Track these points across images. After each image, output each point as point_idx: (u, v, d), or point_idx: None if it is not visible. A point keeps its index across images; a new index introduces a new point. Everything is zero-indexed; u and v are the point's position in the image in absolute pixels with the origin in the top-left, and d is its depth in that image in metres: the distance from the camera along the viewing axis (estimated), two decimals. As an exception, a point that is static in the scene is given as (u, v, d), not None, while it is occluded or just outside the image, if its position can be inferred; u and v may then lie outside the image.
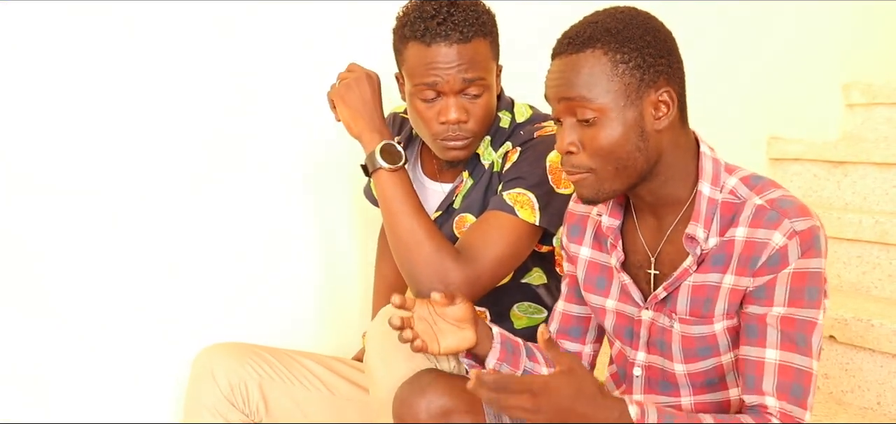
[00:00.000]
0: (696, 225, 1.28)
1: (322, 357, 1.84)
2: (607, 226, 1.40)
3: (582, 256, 1.47)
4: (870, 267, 2.39)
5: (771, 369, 1.23)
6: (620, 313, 1.41)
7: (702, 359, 1.33)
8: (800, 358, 1.22)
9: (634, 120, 1.25)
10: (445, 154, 1.62)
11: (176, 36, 1.82)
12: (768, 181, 1.29)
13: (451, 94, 1.57)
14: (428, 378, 1.40)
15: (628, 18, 1.26)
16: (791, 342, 1.22)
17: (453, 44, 1.54)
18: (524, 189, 1.58)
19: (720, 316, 1.29)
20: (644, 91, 1.25)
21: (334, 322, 2.10)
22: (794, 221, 1.22)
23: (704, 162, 1.31)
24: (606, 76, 1.24)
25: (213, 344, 1.79)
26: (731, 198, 1.29)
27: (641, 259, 1.38)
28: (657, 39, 1.26)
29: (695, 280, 1.30)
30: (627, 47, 1.24)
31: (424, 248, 1.54)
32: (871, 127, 2.93)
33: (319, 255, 2.08)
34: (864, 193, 2.63)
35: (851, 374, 2.13)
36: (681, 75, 1.29)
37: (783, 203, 1.24)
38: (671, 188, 1.32)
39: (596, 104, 1.25)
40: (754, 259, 1.24)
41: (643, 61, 1.24)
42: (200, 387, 1.73)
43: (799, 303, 1.22)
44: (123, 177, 1.80)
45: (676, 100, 1.27)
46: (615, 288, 1.42)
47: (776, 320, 1.23)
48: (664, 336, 1.35)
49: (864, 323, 2.07)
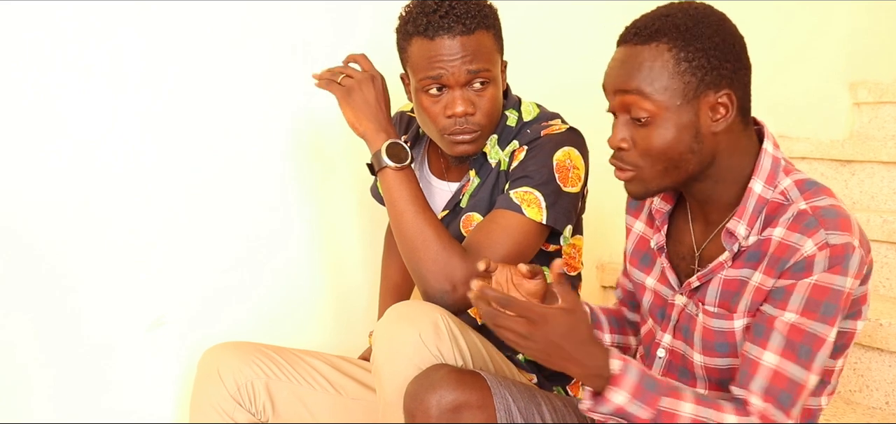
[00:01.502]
0: (738, 221, 1.27)
1: (329, 357, 1.84)
2: (656, 209, 1.41)
3: (635, 230, 1.49)
4: (878, 266, 2.38)
5: (765, 372, 1.22)
6: (657, 293, 1.42)
7: (719, 356, 1.33)
8: (797, 370, 1.21)
9: (690, 121, 1.24)
10: (453, 149, 1.62)
11: (175, 37, 1.82)
12: (823, 188, 1.27)
13: (457, 87, 1.56)
14: (438, 373, 1.40)
15: (701, 16, 1.25)
16: (793, 352, 1.21)
17: (456, 36, 1.54)
18: (531, 187, 1.57)
19: (742, 312, 1.28)
20: (703, 92, 1.23)
21: (341, 321, 2.10)
22: (830, 233, 1.20)
23: (763, 158, 1.29)
24: (668, 72, 1.23)
25: (219, 344, 1.78)
26: (780, 199, 1.27)
27: (686, 250, 1.38)
28: (726, 42, 1.24)
29: (728, 273, 1.30)
30: (694, 46, 1.22)
31: (431, 247, 1.53)
32: (878, 125, 2.92)
33: (326, 254, 2.07)
34: (871, 192, 2.62)
35: (860, 373, 2.12)
36: (746, 80, 1.27)
37: (827, 212, 1.22)
38: (722, 190, 1.31)
39: (653, 101, 1.23)
40: (783, 261, 1.22)
41: (708, 62, 1.23)
42: (207, 387, 1.72)
43: (812, 316, 1.21)
44: (129, 176, 1.80)
45: (737, 104, 1.25)
46: (657, 269, 1.42)
47: (785, 326, 1.22)
48: (690, 323, 1.36)
49: (873, 323, 2.06)
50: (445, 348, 1.45)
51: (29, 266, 1.71)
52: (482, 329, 1.74)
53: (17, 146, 1.69)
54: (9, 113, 1.67)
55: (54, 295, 1.75)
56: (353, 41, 2.00)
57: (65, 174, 1.73)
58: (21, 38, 1.67)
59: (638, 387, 1.21)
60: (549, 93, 1.80)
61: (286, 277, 2.01)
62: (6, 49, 1.66)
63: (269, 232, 1.98)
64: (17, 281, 1.71)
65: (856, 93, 2.98)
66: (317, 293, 2.07)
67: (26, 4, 1.66)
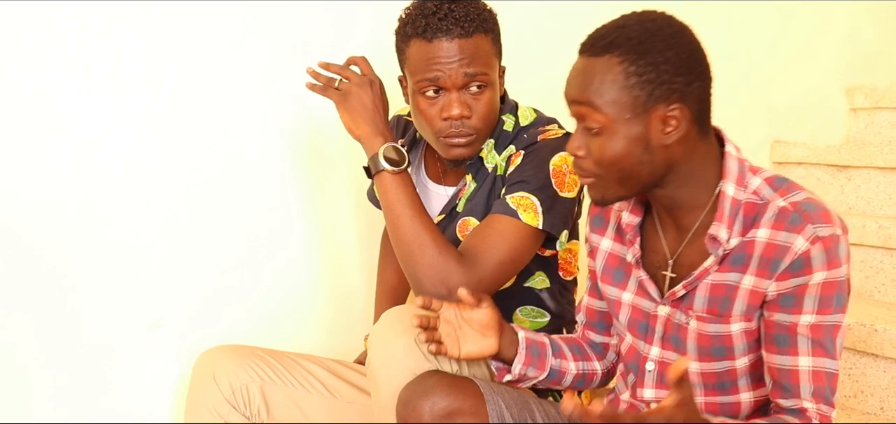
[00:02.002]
0: (719, 225, 1.28)
1: (324, 361, 1.84)
2: (626, 222, 1.41)
3: (602, 247, 1.48)
4: (873, 272, 2.38)
5: (806, 376, 1.26)
6: (636, 307, 1.42)
7: (716, 360, 1.33)
8: (829, 362, 1.27)
9: (639, 133, 1.25)
10: (449, 152, 1.62)
11: (175, 37, 1.82)
12: (793, 183, 1.29)
13: (454, 90, 1.56)
14: (431, 379, 1.40)
15: (655, 29, 1.25)
16: (821, 347, 1.26)
17: (454, 38, 1.54)
18: (527, 192, 1.57)
19: (738, 316, 1.29)
20: (653, 106, 1.24)
21: (336, 324, 2.10)
22: (818, 227, 1.22)
23: (729, 162, 1.30)
24: (618, 86, 1.24)
25: (214, 347, 1.78)
26: (754, 199, 1.29)
27: (659, 259, 1.38)
28: (679, 56, 1.24)
29: (714, 278, 1.31)
30: (644, 60, 1.23)
31: (428, 251, 1.53)
32: (874, 131, 2.92)
33: (322, 258, 2.07)
34: (867, 197, 2.62)
35: (855, 379, 2.12)
36: (701, 93, 1.27)
37: (807, 206, 1.24)
38: (687, 194, 1.32)
39: (601, 113, 1.25)
40: (776, 262, 1.24)
41: (658, 77, 1.23)
42: (202, 390, 1.72)
43: (827, 311, 1.25)
44: (129, 176, 1.79)
45: (689, 117, 1.26)
46: (632, 283, 1.42)
47: (807, 329, 1.25)
48: (680, 332, 1.35)
49: (868, 329, 2.06)
50: (441, 353, 1.45)
51: (29, 266, 1.71)
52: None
53: (17, 146, 1.69)
54: (9, 113, 1.67)
55: (54, 295, 1.74)
56: (354, 41, 2.00)
57: (65, 174, 1.73)
58: (21, 38, 1.67)
59: None
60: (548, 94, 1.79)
61: (284, 279, 2.01)
62: (6, 49, 1.65)
63: (267, 233, 1.98)
64: (17, 281, 1.71)
65: (852, 98, 2.98)
66: (314, 295, 2.07)
67: (26, 4, 1.66)
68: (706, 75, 1.28)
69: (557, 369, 1.51)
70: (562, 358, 1.52)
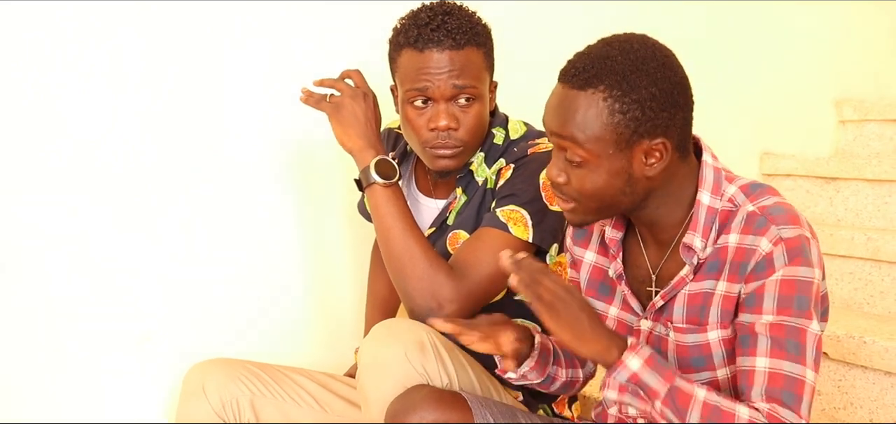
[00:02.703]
0: (693, 234, 1.28)
1: (314, 374, 1.83)
2: (610, 238, 1.41)
3: (586, 260, 1.48)
4: (862, 284, 2.39)
5: (761, 377, 1.21)
6: (621, 321, 1.42)
7: (696, 371, 1.33)
8: (790, 365, 1.20)
9: (621, 167, 1.25)
10: (435, 163, 1.62)
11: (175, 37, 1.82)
12: (767, 188, 1.29)
13: (442, 101, 1.57)
14: (419, 393, 1.40)
15: (640, 61, 1.22)
16: (781, 348, 1.21)
17: (445, 50, 1.55)
18: (517, 206, 1.57)
19: (714, 324, 1.29)
20: (637, 142, 1.23)
21: (327, 338, 2.09)
22: (782, 228, 1.22)
23: (705, 171, 1.30)
24: (601, 122, 1.22)
25: (204, 360, 1.78)
26: (728, 206, 1.28)
27: (642, 274, 1.38)
28: (663, 91, 1.23)
29: (691, 288, 1.31)
30: (629, 98, 1.21)
31: (418, 264, 1.53)
32: (863, 143, 2.94)
33: (312, 271, 2.07)
34: (856, 209, 2.63)
35: (844, 391, 2.13)
36: (684, 122, 1.27)
37: (774, 210, 1.24)
38: (667, 212, 1.32)
39: (584, 149, 1.24)
40: (743, 265, 1.24)
41: (642, 114, 1.22)
42: (191, 403, 1.72)
43: (787, 311, 1.21)
44: (118, 183, 1.79)
45: (672, 148, 1.25)
46: (618, 297, 1.42)
47: (765, 327, 1.22)
48: (661, 345, 1.35)
49: (857, 341, 2.07)
50: (431, 366, 1.45)
51: (28, 265, 1.70)
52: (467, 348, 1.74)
53: (17, 146, 1.68)
54: (9, 113, 1.67)
55: (50, 298, 1.73)
56: (354, 41, 2.00)
57: (65, 174, 1.73)
58: (21, 38, 1.66)
59: (652, 358, 1.22)
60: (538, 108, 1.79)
61: (272, 294, 2.00)
62: (6, 49, 1.65)
63: (255, 248, 1.97)
64: (17, 281, 1.70)
65: (841, 110, 3.00)
66: (305, 308, 2.06)
67: (26, 4, 1.66)
68: (689, 104, 1.28)
69: (552, 375, 1.51)
70: (557, 366, 1.52)
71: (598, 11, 2.37)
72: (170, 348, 1.87)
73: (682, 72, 1.27)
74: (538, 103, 1.36)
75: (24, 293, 1.71)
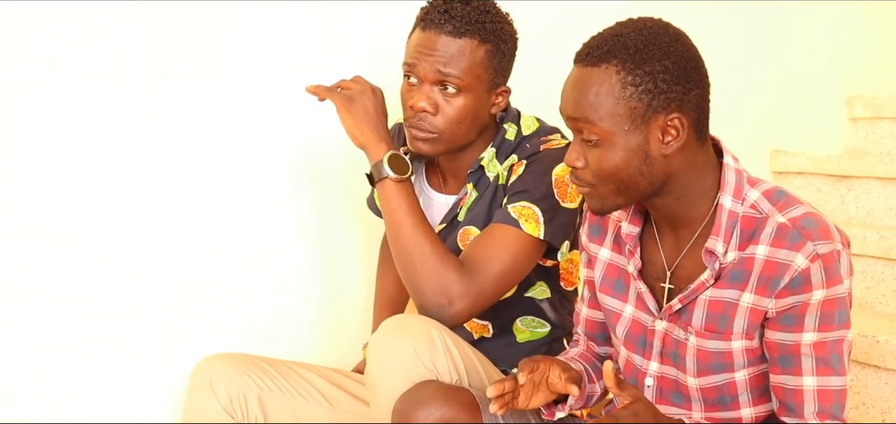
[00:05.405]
0: (715, 239, 1.27)
1: (322, 369, 1.83)
2: (626, 233, 1.39)
3: (601, 257, 1.47)
4: (874, 283, 2.37)
5: (810, 396, 1.25)
6: (636, 320, 1.40)
7: (714, 374, 1.32)
8: (835, 379, 1.25)
9: (638, 145, 1.24)
10: (411, 143, 1.62)
11: (175, 37, 1.81)
12: (791, 196, 1.28)
13: (425, 82, 1.57)
14: (427, 389, 1.39)
15: (652, 37, 1.24)
16: (826, 365, 1.24)
17: (441, 33, 1.55)
18: (529, 202, 1.56)
19: (739, 334, 1.28)
20: (651, 116, 1.23)
21: (335, 333, 2.08)
22: (817, 244, 1.21)
23: (727, 173, 1.29)
24: (614, 97, 1.23)
25: (212, 355, 1.77)
26: (752, 213, 1.27)
27: (658, 270, 1.37)
28: (676, 65, 1.23)
29: (712, 294, 1.29)
30: (641, 70, 1.22)
31: (428, 261, 1.52)
32: (874, 141, 2.92)
33: (320, 266, 2.06)
34: (867, 208, 2.62)
35: (856, 391, 2.11)
36: (700, 101, 1.26)
37: (806, 222, 1.23)
38: (686, 205, 1.31)
39: (599, 126, 1.24)
40: (775, 280, 1.23)
41: (655, 87, 1.22)
42: (199, 398, 1.71)
43: (829, 328, 1.24)
44: (118, 184, 1.78)
45: (688, 126, 1.25)
46: (632, 295, 1.41)
47: (809, 348, 1.24)
48: (678, 348, 1.34)
49: (869, 340, 2.06)
50: (440, 362, 1.44)
51: (28, 266, 1.70)
52: (477, 343, 1.73)
53: (17, 146, 1.67)
54: (9, 113, 1.66)
55: (51, 297, 1.73)
56: (354, 42, 1.99)
57: (65, 174, 1.72)
58: (21, 38, 1.66)
59: None
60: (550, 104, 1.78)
61: (280, 289, 1.99)
62: (6, 49, 1.65)
63: (263, 244, 1.96)
64: (17, 281, 1.69)
65: (852, 108, 2.98)
66: (313, 303, 2.05)
67: (26, 4, 1.65)
68: (704, 83, 1.27)
69: (590, 393, 1.51)
70: (591, 382, 1.51)
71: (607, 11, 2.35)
72: (173, 347, 1.86)
73: (696, 50, 1.27)
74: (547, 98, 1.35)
75: (24, 293, 1.70)
